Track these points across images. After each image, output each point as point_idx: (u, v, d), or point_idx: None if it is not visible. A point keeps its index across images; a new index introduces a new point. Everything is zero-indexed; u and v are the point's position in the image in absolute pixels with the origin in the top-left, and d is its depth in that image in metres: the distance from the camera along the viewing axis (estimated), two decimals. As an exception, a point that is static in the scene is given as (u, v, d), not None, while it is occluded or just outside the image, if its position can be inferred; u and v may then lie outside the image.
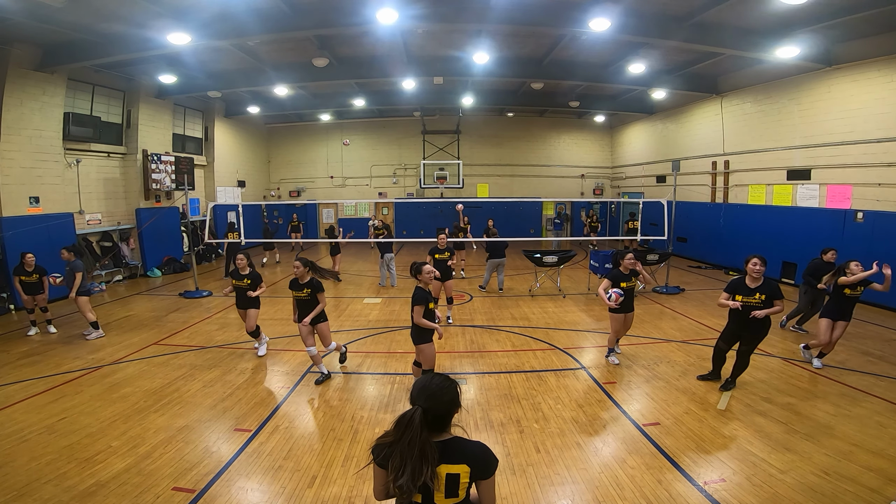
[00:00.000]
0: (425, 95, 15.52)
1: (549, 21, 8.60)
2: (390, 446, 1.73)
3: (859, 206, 9.34)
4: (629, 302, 5.79)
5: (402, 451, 1.69)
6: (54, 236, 9.64)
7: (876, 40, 8.66)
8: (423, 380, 1.85)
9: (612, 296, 5.54)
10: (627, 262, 5.70)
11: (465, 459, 1.77)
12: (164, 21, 8.19)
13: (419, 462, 1.67)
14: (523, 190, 20.49)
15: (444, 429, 1.81)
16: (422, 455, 1.67)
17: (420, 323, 4.55)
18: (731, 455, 3.95)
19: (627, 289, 5.70)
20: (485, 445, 1.85)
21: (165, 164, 12.65)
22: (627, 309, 5.82)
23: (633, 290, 5.87)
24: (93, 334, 7.30)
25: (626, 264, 5.71)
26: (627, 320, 5.94)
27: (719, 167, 13.52)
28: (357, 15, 8.26)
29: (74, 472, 3.73)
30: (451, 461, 1.75)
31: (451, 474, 1.75)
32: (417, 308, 4.53)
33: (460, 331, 7.62)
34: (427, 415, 1.73)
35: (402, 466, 1.67)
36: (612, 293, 5.56)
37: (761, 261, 4.88)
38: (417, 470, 1.66)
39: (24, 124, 9.36)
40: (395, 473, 1.69)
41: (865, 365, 5.96)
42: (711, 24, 8.87)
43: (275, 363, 6.27)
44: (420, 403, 1.75)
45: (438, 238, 7.99)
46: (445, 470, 1.74)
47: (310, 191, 20.50)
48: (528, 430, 4.39)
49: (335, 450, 4.11)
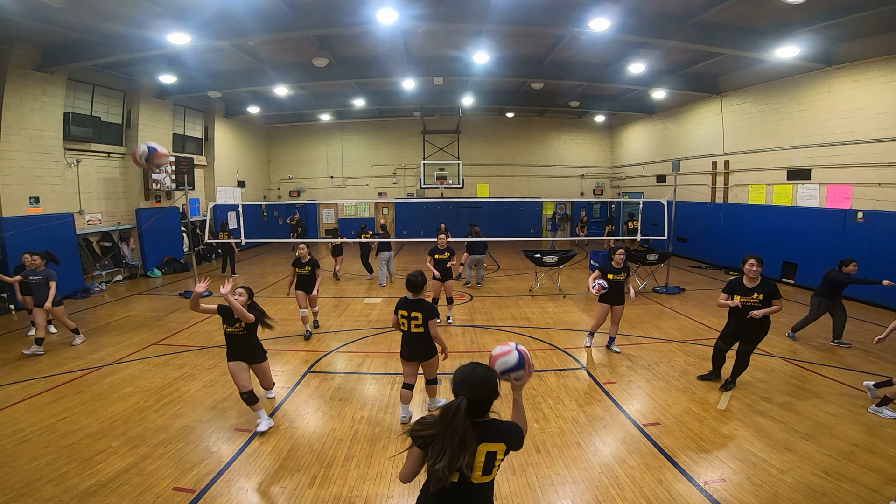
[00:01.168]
0: (425, 95, 15.51)
1: (549, 21, 8.59)
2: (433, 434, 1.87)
3: (859, 206, 9.34)
4: (615, 296, 6.18)
5: (444, 440, 1.83)
6: (54, 236, 9.65)
7: (876, 40, 8.66)
8: (464, 371, 1.98)
9: (595, 286, 6.03)
10: (618, 256, 6.21)
11: (502, 438, 1.97)
12: (164, 21, 8.19)
13: (458, 450, 1.82)
14: (523, 190, 20.49)
15: (484, 415, 1.98)
16: (461, 443, 1.82)
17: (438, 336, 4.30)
18: (731, 455, 3.95)
19: (614, 282, 6.12)
20: (515, 424, 2.11)
21: (165, 164, 12.65)
22: (613, 301, 6.22)
23: (622, 286, 6.23)
24: (77, 340, 7.05)
25: (616, 258, 6.21)
26: (614, 313, 6.31)
27: (719, 167, 13.52)
28: (357, 15, 8.26)
29: (75, 472, 3.73)
30: (491, 440, 1.95)
31: (490, 452, 1.95)
32: (433, 322, 4.25)
33: (460, 331, 7.62)
34: (471, 404, 1.88)
35: (442, 453, 1.82)
36: (596, 283, 6.04)
37: (757, 261, 4.88)
38: (455, 457, 1.81)
39: (24, 124, 9.36)
40: (434, 459, 1.84)
41: (865, 365, 5.96)
42: (711, 24, 8.87)
43: (275, 363, 6.25)
44: (464, 394, 1.89)
45: (438, 238, 7.99)
46: (485, 448, 1.93)
47: (310, 191, 20.51)
48: (528, 430, 4.37)
49: (335, 450, 4.11)
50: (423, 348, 4.36)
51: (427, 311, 4.23)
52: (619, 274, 6.17)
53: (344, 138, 20.30)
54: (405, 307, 4.29)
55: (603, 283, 6.03)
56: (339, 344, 7.01)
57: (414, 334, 4.30)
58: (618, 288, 6.17)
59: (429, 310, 4.24)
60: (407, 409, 4.59)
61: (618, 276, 6.16)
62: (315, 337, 7.37)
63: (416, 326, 4.25)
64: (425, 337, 4.30)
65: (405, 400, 4.54)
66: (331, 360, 6.40)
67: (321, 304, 9.35)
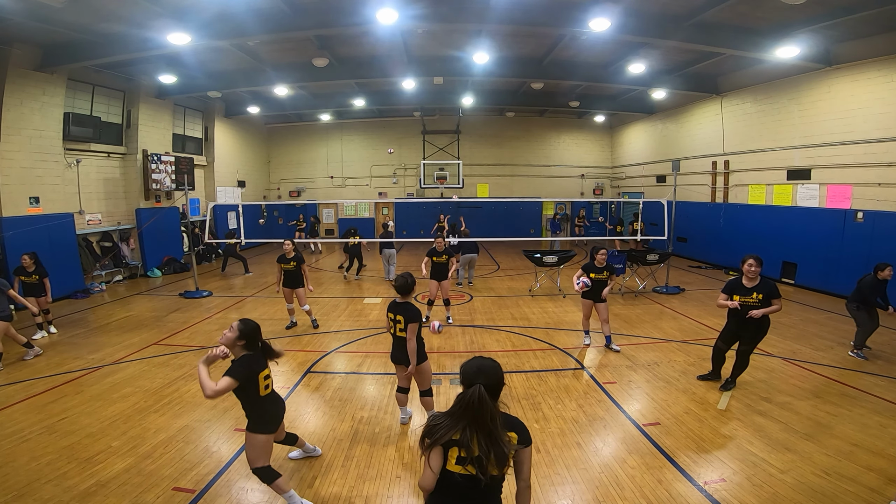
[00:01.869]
0: (425, 95, 15.51)
1: (549, 21, 8.60)
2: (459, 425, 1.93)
3: (859, 206, 9.34)
4: (596, 292, 6.49)
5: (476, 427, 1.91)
6: (54, 236, 9.65)
7: (876, 40, 8.66)
8: (474, 362, 2.08)
9: (579, 283, 6.45)
10: (600, 256, 6.57)
11: (512, 427, 2.05)
12: (164, 21, 8.19)
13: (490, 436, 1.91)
14: (523, 190, 20.49)
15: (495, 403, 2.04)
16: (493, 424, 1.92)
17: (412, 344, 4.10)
18: (731, 455, 3.95)
19: (596, 280, 6.46)
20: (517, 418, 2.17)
21: (165, 164, 12.65)
22: (595, 298, 6.52)
23: (604, 284, 6.51)
24: (30, 355, 6.45)
25: (599, 258, 6.56)
26: (599, 311, 6.57)
27: (719, 167, 13.52)
28: (357, 15, 8.26)
29: (75, 472, 3.73)
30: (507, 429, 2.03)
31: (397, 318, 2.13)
32: (414, 326, 4.07)
33: (460, 331, 7.62)
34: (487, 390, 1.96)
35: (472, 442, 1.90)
36: (580, 280, 6.45)
37: (756, 261, 4.89)
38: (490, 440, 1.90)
39: (24, 124, 9.35)
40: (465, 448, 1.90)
41: (865, 365, 5.96)
42: (711, 24, 8.87)
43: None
44: (480, 381, 1.97)
45: (436, 241, 7.99)
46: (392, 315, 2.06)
47: (310, 191, 20.51)
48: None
49: (335, 450, 4.11)
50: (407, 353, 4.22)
51: (409, 315, 4.09)
52: (601, 273, 6.47)
53: (344, 138, 20.31)
54: (392, 310, 4.20)
55: (586, 280, 6.41)
56: (339, 344, 7.01)
57: (399, 338, 4.19)
58: (600, 286, 6.48)
59: (411, 314, 4.09)
60: (406, 410, 4.57)
61: (600, 274, 6.47)
62: (315, 337, 7.37)
63: (400, 330, 4.15)
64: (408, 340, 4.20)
65: (401, 403, 4.52)
66: (331, 360, 6.40)
67: (321, 304, 9.37)
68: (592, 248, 6.88)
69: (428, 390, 4.42)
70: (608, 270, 6.53)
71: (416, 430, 4.41)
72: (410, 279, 4.23)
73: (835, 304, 9.14)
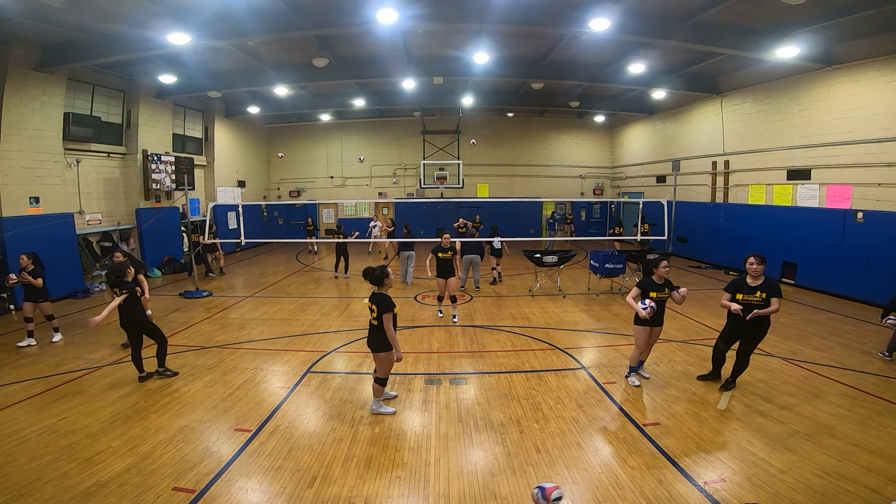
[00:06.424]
0: (425, 95, 15.51)
1: (549, 21, 8.59)
2: None
3: (859, 206, 9.34)
4: (658, 316, 5.18)
5: None
6: (54, 236, 9.65)
7: (876, 40, 8.66)
8: None
9: (648, 308, 4.97)
10: (662, 270, 5.15)
11: None
12: (164, 21, 8.19)
13: None
14: (523, 190, 20.49)
15: None
16: None
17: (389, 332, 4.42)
18: (731, 455, 3.95)
19: (658, 300, 5.10)
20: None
21: (165, 164, 12.65)
22: (656, 322, 5.22)
23: (665, 304, 5.23)
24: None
25: (660, 273, 5.16)
26: (654, 335, 5.31)
27: (719, 167, 13.52)
28: (357, 15, 8.26)
29: (75, 472, 3.73)
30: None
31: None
32: (388, 316, 4.40)
33: (460, 330, 7.62)
34: None
35: None
36: (648, 306, 4.98)
37: (757, 259, 4.89)
38: None
39: (24, 124, 9.35)
40: None
41: (865, 365, 5.96)
42: (711, 24, 8.87)
43: (275, 363, 6.27)
44: None
45: (442, 238, 8.02)
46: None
47: (310, 191, 20.51)
48: (528, 430, 4.38)
49: (335, 450, 4.11)
50: (375, 339, 4.55)
51: (382, 305, 4.41)
52: (662, 291, 5.15)
53: (344, 138, 20.30)
54: (370, 299, 4.57)
55: (652, 303, 5.01)
56: (339, 344, 7.01)
57: (372, 326, 4.55)
58: (662, 306, 5.19)
59: (384, 304, 4.41)
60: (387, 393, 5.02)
61: (661, 293, 5.14)
62: (315, 337, 7.37)
63: (373, 319, 4.49)
64: (379, 329, 4.48)
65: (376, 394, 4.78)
66: (331, 360, 6.40)
67: (321, 304, 9.37)
68: (650, 261, 5.51)
69: (383, 379, 4.69)
70: (668, 286, 5.19)
71: (412, 423, 4.43)
72: (379, 271, 4.55)
73: (835, 304, 9.15)
